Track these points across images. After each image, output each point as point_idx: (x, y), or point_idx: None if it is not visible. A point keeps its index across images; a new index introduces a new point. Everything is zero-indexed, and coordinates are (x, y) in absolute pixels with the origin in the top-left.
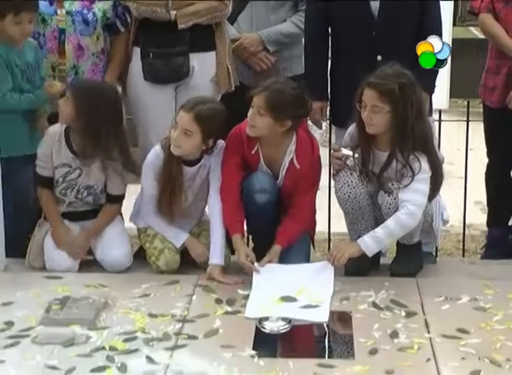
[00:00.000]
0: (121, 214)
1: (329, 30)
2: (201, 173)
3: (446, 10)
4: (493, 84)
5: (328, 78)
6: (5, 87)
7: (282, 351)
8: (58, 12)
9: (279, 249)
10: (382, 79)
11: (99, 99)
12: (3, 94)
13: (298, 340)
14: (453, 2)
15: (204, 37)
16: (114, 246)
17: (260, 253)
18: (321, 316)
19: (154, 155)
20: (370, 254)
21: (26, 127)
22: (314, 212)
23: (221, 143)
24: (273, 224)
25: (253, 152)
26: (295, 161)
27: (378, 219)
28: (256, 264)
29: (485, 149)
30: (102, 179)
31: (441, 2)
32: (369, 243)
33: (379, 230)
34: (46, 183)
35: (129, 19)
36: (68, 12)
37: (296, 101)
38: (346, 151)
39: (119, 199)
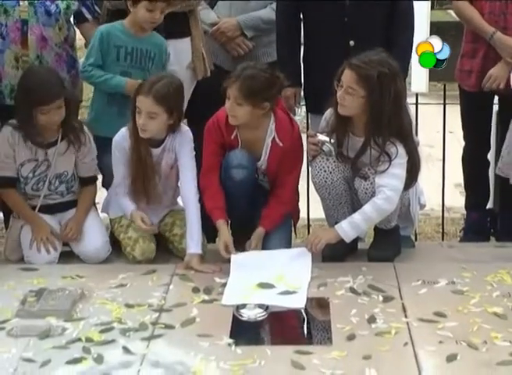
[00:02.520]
0: (95, 205)
1: (301, 16)
2: (166, 156)
3: None
4: (470, 68)
5: (302, 64)
6: (90, 60)
7: (259, 338)
8: (21, 3)
9: (263, 232)
10: (364, 63)
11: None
12: (85, 65)
13: (275, 327)
14: None
15: (178, 23)
16: (91, 237)
17: (238, 236)
18: (298, 302)
19: (120, 137)
20: (348, 240)
21: (114, 111)
22: (297, 193)
23: (184, 128)
24: (253, 209)
25: (232, 137)
26: (277, 139)
27: (356, 205)
28: (233, 254)
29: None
30: (71, 164)
31: None
32: (346, 229)
33: (356, 216)
34: (9, 184)
35: (97, 9)
36: (30, 3)
37: (269, 82)
38: (322, 137)
39: (92, 181)
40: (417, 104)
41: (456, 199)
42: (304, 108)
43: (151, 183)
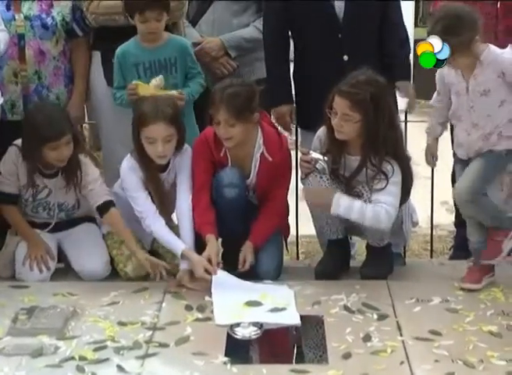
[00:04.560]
0: (96, 222)
1: (289, 32)
2: (168, 177)
3: (408, 11)
4: None
5: (291, 80)
6: (115, 84)
7: (254, 357)
8: (16, 18)
9: (250, 246)
10: (353, 87)
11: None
12: (113, 90)
13: (271, 345)
14: (414, 3)
15: None
16: (93, 255)
17: (230, 254)
18: (292, 318)
19: (132, 164)
20: (332, 211)
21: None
22: (287, 206)
23: (186, 146)
24: (244, 226)
25: (221, 154)
26: (266, 154)
27: (349, 222)
28: (213, 274)
29: (451, 150)
30: (71, 197)
31: (402, 3)
32: (341, 203)
33: (356, 204)
34: (10, 200)
35: (88, 23)
36: (26, 17)
37: (250, 93)
38: (316, 155)
39: (109, 205)
40: (406, 121)
41: (443, 216)
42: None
43: (164, 209)
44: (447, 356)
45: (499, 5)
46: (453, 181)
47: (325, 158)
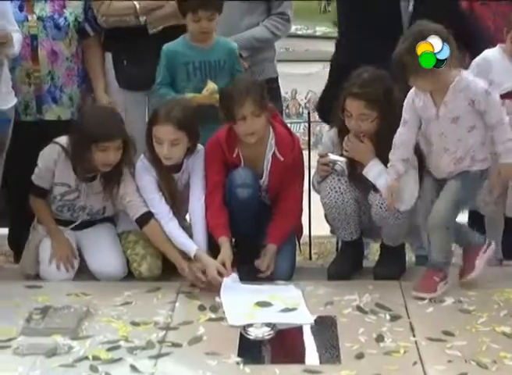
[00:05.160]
0: (114, 223)
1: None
2: (182, 178)
3: None
4: None
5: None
6: (158, 79)
7: (267, 357)
8: (29, 19)
9: (274, 248)
10: (364, 87)
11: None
12: (155, 84)
13: (283, 345)
14: None
15: (174, 38)
16: (111, 257)
17: (244, 254)
18: (305, 318)
19: (144, 168)
20: (364, 171)
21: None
22: (301, 206)
23: (200, 147)
24: (258, 226)
25: (234, 155)
26: (278, 154)
27: (364, 225)
28: (225, 277)
29: None
30: (98, 202)
31: None
32: (373, 169)
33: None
34: (40, 194)
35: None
36: (39, 18)
37: (262, 88)
38: (334, 156)
39: (148, 217)
40: None
41: None
42: (302, 125)
43: (177, 208)
44: (460, 357)
45: None
46: None
47: (343, 159)
